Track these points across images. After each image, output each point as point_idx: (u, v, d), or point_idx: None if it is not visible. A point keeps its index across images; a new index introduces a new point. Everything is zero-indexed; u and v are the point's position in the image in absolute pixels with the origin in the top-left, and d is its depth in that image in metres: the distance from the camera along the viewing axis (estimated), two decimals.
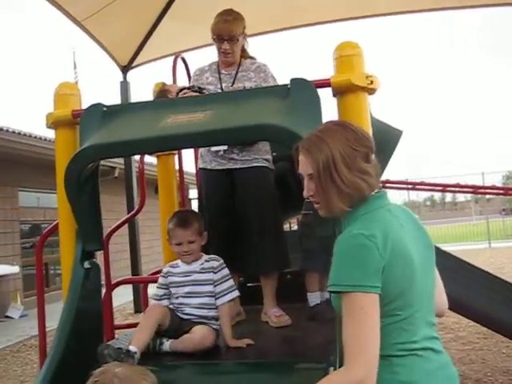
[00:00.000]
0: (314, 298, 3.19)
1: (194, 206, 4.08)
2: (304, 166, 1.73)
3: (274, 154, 3.92)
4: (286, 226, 6.40)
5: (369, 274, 1.56)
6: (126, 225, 9.32)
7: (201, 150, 3.31)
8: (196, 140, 2.16)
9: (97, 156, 2.26)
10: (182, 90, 2.92)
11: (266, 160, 3.19)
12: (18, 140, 10.07)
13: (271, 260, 3.10)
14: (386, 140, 4.10)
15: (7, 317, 10.63)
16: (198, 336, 2.47)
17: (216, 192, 3.18)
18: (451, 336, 6.46)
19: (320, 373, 1.97)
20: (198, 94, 2.87)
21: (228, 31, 3.07)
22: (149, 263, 12.06)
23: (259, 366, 2.36)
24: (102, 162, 10.84)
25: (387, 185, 7.68)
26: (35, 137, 10.35)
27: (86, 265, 2.46)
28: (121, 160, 10.42)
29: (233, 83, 3.14)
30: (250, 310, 3.32)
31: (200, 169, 3.31)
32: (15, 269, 11.11)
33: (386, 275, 1.57)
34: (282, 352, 2.72)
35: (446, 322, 7.00)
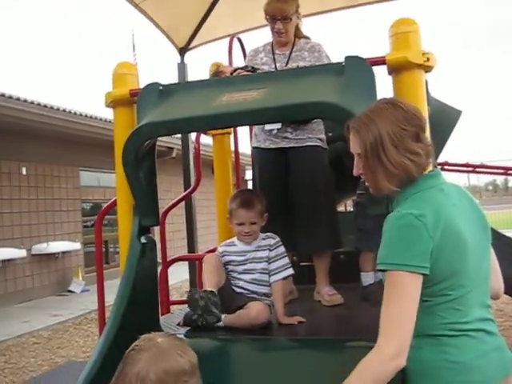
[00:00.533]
0: (367, 278, 3.18)
1: (250, 187, 4.10)
2: (354, 145, 1.74)
3: (330, 134, 3.90)
4: (342, 207, 6.36)
5: (415, 254, 1.55)
6: (183, 205, 9.52)
7: (255, 129, 3.33)
8: (250, 118, 2.17)
9: (153, 133, 2.31)
10: (235, 70, 2.94)
11: (320, 139, 3.17)
12: (78, 121, 10.39)
13: (324, 239, 3.09)
14: (445, 120, 4.01)
15: (70, 291, 11.07)
16: (254, 311, 2.50)
17: (270, 171, 3.20)
18: (511, 323, 6.29)
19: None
20: (251, 73, 2.88)
21: (281, 11, 3.06)
22: (205, 243, 12.26)
23: (310, 344, 2.38)
24: (160, 143, 11.01)
25: (446, 167, 7.48)
26: (95, 118, 10.64)
27: (143, 240, 2.52)
28: (178, 141, 10.54)
29: (287, 63, 3.13)
30: (303, 288, 3.34)
31: (254, 148, 3.33)
32: (77, 245, 11.54)
33: (436, 255, 1.56)
34: (333, 330, 2.74)
35: (506, 309, 6.83)
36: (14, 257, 9.92)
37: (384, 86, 2.42)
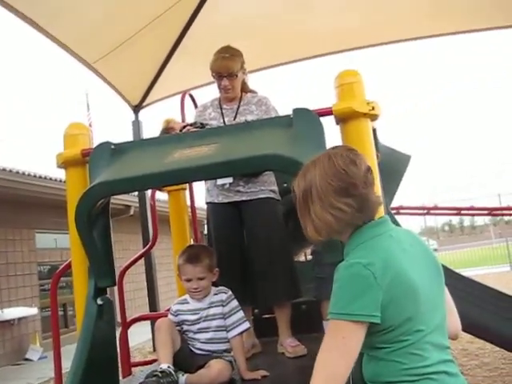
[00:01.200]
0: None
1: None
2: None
3: (285, 184, 3.95)
4: (302, 257, 6.39)
5: (363, 303, 1.55)
6: (143, 264, 9.38)
7: (207, 184, 3.35)
8: (201, 173, 2.19)
9: (106, 193, 2.30)
10: (185, 126, 2.98)
11: (272, 191, 3.21)
12: (32, 182, 10.24)
13: (282, 290, 3.09)
14: (394, 165, 4.13)
15: (26, 359, 10.62)
16: (215, 370, 2.46)
17: (224, 225, 3.21)
18: (476, 363, 6.30)
19: None
20: (200, 129, 2.93)
21: (226, 68, 3.13)
22: (167, 300, 12.04)
23: None
24: (117, 201, 10.96)
25: (401, 211, 7.65)
26: (50, 178, 10.50)
27: (99, 301, 2.47)
28: (135, 198, 10.51)
29: (235, 117, 3.19)
30: (266, 341, 3.32)
31: (207, 203, 3.34)
32: (34, 310, 11.15)
33: (387, 302, 1.56)
34: (298, 382, 2.70)
35: (470, 348, 6.87)
36: None
37: (334, 134, 2.50)
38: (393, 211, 4.19)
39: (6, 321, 10.44)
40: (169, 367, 2.35)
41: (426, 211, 9.83)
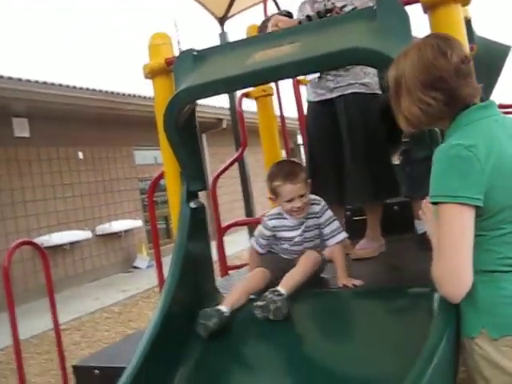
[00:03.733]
0: (422, 225, 3.13)
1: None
2: None
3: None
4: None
5: (466, 185, 1.51)
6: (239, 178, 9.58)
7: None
8: (283, 72, 2.16)
9: (190, 98, 2.33)
10: (272, 16, 2.93)
11: (364, 84, 2.98)
12: (129, 101, 10.61)
13: (381, 187, 2.96)
14: (492, 58, 3.85)
15: (135, 267, 11.44)
16: (309, 256, 2.46)
17: (315, 124, 3.14)
18: None
19: (426, 297, 1.97)
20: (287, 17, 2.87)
21: None
22: (263, 210, 12.33)
23: (363, 293, 2.39)
24: (210, 115, 11.14)
25: (500, 110, 7.19)
26: (145, 97, 10.81)
27: (192, 204, 2.57)
28: (227, 111, 10.63)
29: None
30: (357, 243, 3.34)
31: (307, 102, 3.27)
32: (138, 223, 11.87)
33: (489, 187, 1.52)
34: (388, 279, 2.72)
35: None
36: (80, 238, 10.32)
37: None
38: None
39: (114, 233, 11.22)
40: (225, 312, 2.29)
41: None
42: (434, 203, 1.59)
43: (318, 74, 2.97)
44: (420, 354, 1.60)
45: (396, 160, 3.29)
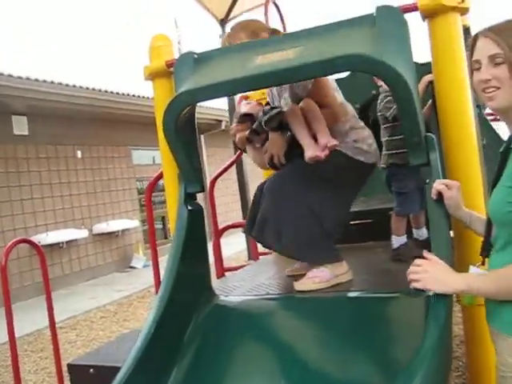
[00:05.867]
0: (399, 241, 3.13)
1: None
2: (486, 48, 1.59)
3: (374, 92, 3.84)
4: None
5: None
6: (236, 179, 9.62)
7: None
8: (285, 76, 2.16)
9: (190, 100, 2.34)
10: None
11: None
12: (127, 101, 10.63)
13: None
14: None
15: (131, 267, 11.46)
16: None
17: None
18: None
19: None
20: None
21: None
22: None
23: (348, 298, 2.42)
24: (209, 116, 11.14)
25: None
26: (143, 97, 10.83)
27: (190, 206, 2.58)
28: (226, 113, 10.66)
29: None
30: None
31: None
32: (135, 223, 11.89)
33: None
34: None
35: None
36: (76, 237, 10.34)
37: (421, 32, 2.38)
38: None
39: (112, 232, 11.24)
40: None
41: None
42: None
43: None
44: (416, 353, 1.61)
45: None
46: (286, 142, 2.67)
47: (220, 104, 12.08)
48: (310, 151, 2.47)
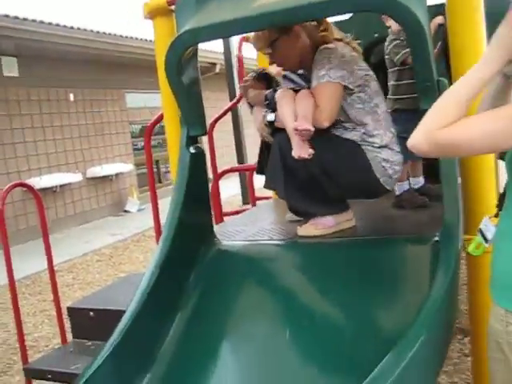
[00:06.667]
0: (402, 188, 3.10)
1: None
2: None
3: (376, 34, 3.76)
4: None
5: None
6: (231, 121, 9.52)
7: None
8: (290, 16, 2.08)
9: (194, 40, 2.25)
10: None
11: None
12: (121, 43, 10.36)
13: None
14: None
15: (126, 211, 11.46)
16: None
17: None
18: None
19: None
20: None
21: None
22: (254, 157, 12.30)
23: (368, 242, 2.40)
24: (203, 59, 10.88)
25: None
26: (136, 38, 10.57)
27: (192, 150, 2.53)
28: (221, 56, 10.44)
29: None
30: None
31: None
32: (129, 167, 11.82)
33: None
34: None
35: None
36: (70, 181, 10.27)
37: None
38: None
39: (106, 176, 11.18)
40: None
41: None
42: None
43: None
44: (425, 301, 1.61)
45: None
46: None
47: (214, 47, 11.82)
48: (296, 152, 2.29)
